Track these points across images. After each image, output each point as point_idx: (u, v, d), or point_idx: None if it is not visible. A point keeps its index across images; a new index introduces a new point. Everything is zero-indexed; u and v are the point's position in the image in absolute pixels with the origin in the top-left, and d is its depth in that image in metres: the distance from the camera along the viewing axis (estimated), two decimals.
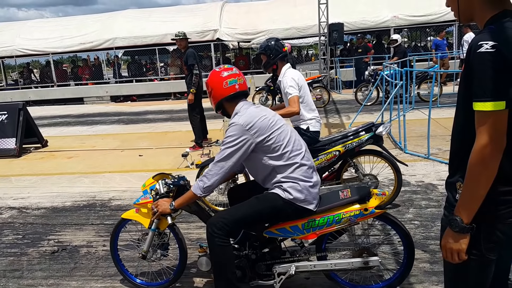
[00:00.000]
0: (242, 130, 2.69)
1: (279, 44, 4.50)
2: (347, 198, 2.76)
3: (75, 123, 13.21)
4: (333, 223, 2.73)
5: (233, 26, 18.70)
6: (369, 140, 4.44)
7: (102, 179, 6.59)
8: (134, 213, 3.25)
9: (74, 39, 19.48)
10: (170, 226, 3.14)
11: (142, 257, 3.18)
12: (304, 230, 2.77)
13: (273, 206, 2.74)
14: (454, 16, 1.79)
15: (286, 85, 4.33)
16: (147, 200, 3.10)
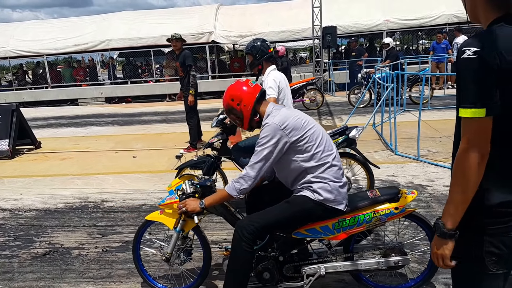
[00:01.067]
0: (277, 130, 2.67)
1: (265, 45, 4.56)
2: (376, 197, 2.76)
3: (69, 124, 13.19)
4: (364, 223, 2.72)
5: (228, 28, 18.74)
6: (343, 143, 4.54)
7: (95, 180, 6.60)
8: (159, 214, 3.18)
9: (69, 41, 19.43)
10: (195, 228, 3.10)
11: (165, 260, 3.10)
12: (335, 230, 2.75)
13: (304, 209, 2.71)
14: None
15: (266, 86, 4.40)
16: (173, 200, 3.04)
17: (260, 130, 2.78)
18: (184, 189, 2.99)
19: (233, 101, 2.87)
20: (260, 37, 4.88)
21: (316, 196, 2.70)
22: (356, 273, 2.99)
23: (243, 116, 2.88)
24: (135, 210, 5.18)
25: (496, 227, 1.59)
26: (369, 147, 7.22)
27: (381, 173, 5.79)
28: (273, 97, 4.32)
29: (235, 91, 2.88)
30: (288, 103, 4.55)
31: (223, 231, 4.41)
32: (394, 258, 2.84)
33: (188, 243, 3.21)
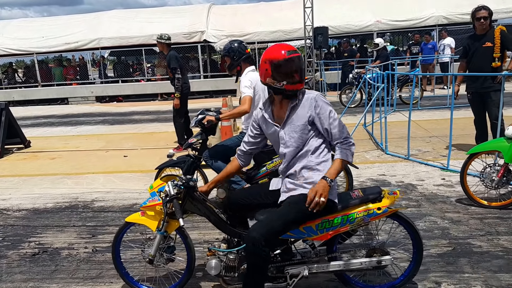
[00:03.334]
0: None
1: (242, 46, 4.59)
2: (359, 198, 2.77)
3: (59, 123, 13.09)
4: (347, 223, 2.72)
5: (220, 28, 18.72)
6: None
7: (85, 180, 6.55)
8: (140, 216, 3.12)
9: (59, 39, 19.30)
10: (178, 228, 3.05)
11: (148, 261, 3.08)
12: (318, 231, 2.74)
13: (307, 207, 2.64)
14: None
15: (242, 85, 4.43)
16: (155, 203, 3.00)
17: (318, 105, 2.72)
18: (167, 190, 2.94)
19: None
20: (237, 39, 4.91)
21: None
22: (341, 274, 3.00)
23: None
24: (125, 210, 5.14)
25: None
26: (360, 147, 7.25)
27: (372, 173, 5.83)
28: (248, 95, 4.35)
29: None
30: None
31: (215, 230, 4.37)
32: (377, 258, 2.85)
33: (170, 242, 3.19)
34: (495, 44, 5.66)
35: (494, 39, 5.66)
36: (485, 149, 4.54)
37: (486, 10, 5.72)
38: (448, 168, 5.65)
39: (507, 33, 5.66)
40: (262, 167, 4.64)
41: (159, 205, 2.98)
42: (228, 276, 2.94)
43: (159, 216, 3.02)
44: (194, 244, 4.05)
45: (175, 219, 2.94)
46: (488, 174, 4.45)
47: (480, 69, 5.84)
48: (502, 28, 5.65)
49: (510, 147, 4.18)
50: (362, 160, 6.52)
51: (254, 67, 4.71)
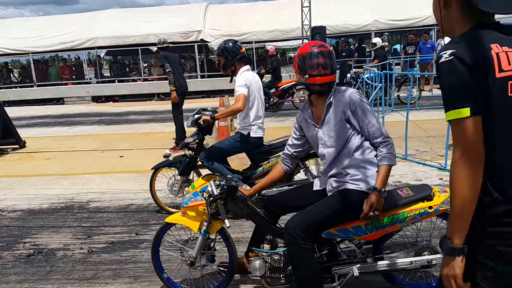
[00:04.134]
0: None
1: (237, 46, 4.58)
2: (410, 197, 2.71)
3: (54, 123, 13.02)
4: (397, 222, 2.67)
5: (217, 27, 18.68)
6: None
7: (81, 180, 6.51)
8: (180, 216, 3.05)
9: (55, 39, 19.22)
10: (220, 229, 2.99)
11: (190, 263, 3.01)
12: (367, 230, 2.67)
13: (353, 202, 2.59)
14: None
15: (236, 84, 4.42)
16: (198, 203, 2.92)
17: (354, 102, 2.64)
18: (211, 191, 2.86)
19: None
20: (232, 38, 4.90)
21: (364, 186, 2.62)
22: (388, 273, 2.93)
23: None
24: (121, 211, 5.11)
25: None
26: None
27: None
28: (242, 94, 4.34)
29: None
30: (256, 105, 4.56)
31: None
32: (427, 256, 2.78)
33: (211, 243, 3.12)
34: None
35: None
36: None
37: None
38: (445, 168, 5.64)
39: None
40: (259, 167, 4.62)
41: (202, 205, 2.90)
42: (273, 277, 2.89)
43: (201, 216, 2.95)
44: None
45: (217, 220, 2.89)
46: None
47: None
48: None
49: None
50: None
51: (249, 67, 4.69)
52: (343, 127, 2.66)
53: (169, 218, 3.12)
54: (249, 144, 4.57)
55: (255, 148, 4.62)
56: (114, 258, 3.93)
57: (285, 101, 12.60)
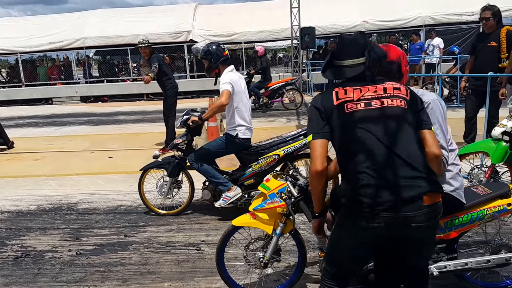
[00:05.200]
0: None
1: (220, 49, 4.62)
2: (487, 194, 2.71)
3: (43, 124, 12.88)
4: (476, 220, 2.66)
5: (207, 27, 18.64)
6: (307, 144, 4.52)
7: (69, 181, 6.45)
8: (250, 219, 2.98)
9: (44, 38, 19.04)
10: (292, 230, 2.95)
11: (264, 265, 2.96)
12: (446, 229, 2.66)
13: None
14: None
15: (221, 82, 4.47)
16: (276, 204, 2.85)
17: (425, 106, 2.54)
18: (290, 191, 2.81)
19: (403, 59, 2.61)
20: (215, 41, 4.95)
21: (447, 187, 2.57)
22: (460, 273, 2.90)
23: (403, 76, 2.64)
24: (110, 212, 5.08)
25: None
26: None
27: None
28: (227, 90, 4.38)
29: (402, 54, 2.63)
30: (242, 106, 4.59)
31: (200, 232, 4.37)
32: (505, 254, 2.77)
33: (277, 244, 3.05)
34: (501, 44, 5.62)
35: (500, 39, 5.63)
36: (473, 150, 4.57)
37: (490, 10, 5.70)
38: None
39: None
40: (248, 168, 4.64)
41: (280, 207, 2.84)
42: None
43: (273, 218, 2.91)
44: (180, 246, 4.06)
45: (290, 220, 2.87)
46: (476, 175, 4.48)
47: (483, 68, 5.78)
48: (509, 28, 5.58)
49: (496, 148, 4.20)
50: None
51: (233, 67, 4.72)
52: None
53: (237, 220, 3.04)
54: (237, 145, 4.59)
55: (244, 149, 4.63)
56: (102, 260, 3.91)
57: (274, 102, 12.61)
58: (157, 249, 4.07)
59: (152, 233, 4.44)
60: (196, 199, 5.04)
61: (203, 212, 4.88)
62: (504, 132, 4.15)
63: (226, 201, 4.51)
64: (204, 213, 4.85)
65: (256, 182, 4.65)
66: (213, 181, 4.55)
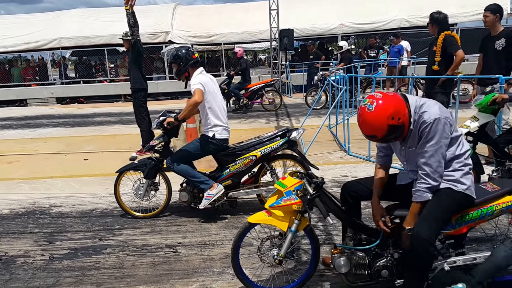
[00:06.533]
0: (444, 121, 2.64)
1: (190, 52, 4.64)
2: (497, 191, 2.76)
3: (17, 126, 12.61)
4: (486, 216, 2.71)
5: (186, 28, 18.57)
6: (284, 145, 4.59)
7: (43, 185, 6.32)
8: (266, 216, 2.98)
9: (18, 38, 18.66)
10: (306, 227, 2.98)
11: (278, 262, 2.97)
12: (457, 225, 2.70)
13: (454, 203, 2.65)
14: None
15: (191, 83, 4.49)
16: (292, 202, 2.86)
17: (423, 127, 2.60)
18: (306, 189, 2.84)
19: (393, 119, 2.55)
20: (185, 45, 5.01)
21: (460, 186, 2.65)
22: (467, 268, 2.90)
23: (405, 126, 2.62)
24: (85, 215, 4.99)
25: None
26: (324, 148, 7.33)
27: (334, 174, 5.89)
28: (198, 88, 4.40)
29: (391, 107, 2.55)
30: (216, 106, 4.59)
31: (177, 234, 4.34)
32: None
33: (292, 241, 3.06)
34: (437, 48, 5.81)
35: (437, 44, 5.82)
36: None
37: (430, 16, 5.89)
38: None
39: (450, 37, 5.72)
40: (226, 169, 4.63)
41: (296, 204, 2.85)
42: (359, 273, 2.89)
43: (289, 215, 2.91)
44: (156, 249, 4.02)
45: (305, 217, 2.89)
46: None
47: (427, 71, 6.15)
48: (447, 34, 5.75)
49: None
50: (326, 161, 6.59)
51: (202, 69, 4.73)
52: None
53: (252, 218, 3.04)
54: (215, 146, 4.58)
55: (221, 150, 4.62)
56: (76, 265, 3.84)
57: (254, 103, 12.65)
58: (133, 252, 4.02)
59: (127, 236, 4.38)
60: (174, 201, 5.01)
61: (180, 214, 4.84)
62: (468, 133, 4.26)
63: (209, 199, 4.49)
64: (182, 215, 4.82)
65: (233, 183, 4.66)
66: (194, 181, 4.53)
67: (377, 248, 2.87)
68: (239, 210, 4.84)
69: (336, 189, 5.15)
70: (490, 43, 5.53)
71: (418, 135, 2.64)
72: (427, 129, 2.57)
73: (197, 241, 4.15)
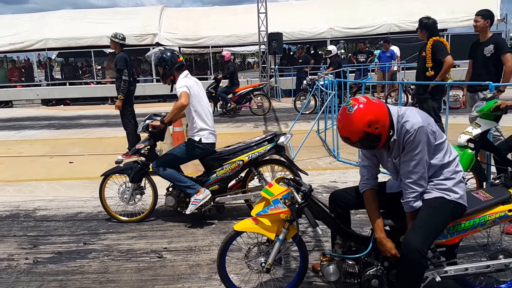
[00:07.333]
0: (425, 131, 2.59)
1: (175, 55, 4.63)
2: (489, 200, 2.71)
3: (1, 127, 12.44)
4: (478, 226, 2.66)
5: (174, 31, 18.51)
6: (271, 150, 4.58)
7: (27, 187, 6.23)
8: (253, 224, 2.91)
9: (3, 39, 18.49)
10: (295, 235, 2.92)
11: (266, 270, 2.92)
12: (448, 235, 2.66)
13: (448, 212, 2.59)
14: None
15: (177, 87, 4.47)
16: (280, 210, 2.79)
17: (407, 136, 2.56)
18: (294, 197, 2.77)
19: (370, 127, 2.50)
20: (170, 48, 4.98)
21: (453, 195, 2.61)
22: (461, 277, 2.89)
23: (381, 137, 2.56)
24: (69, 219, 4.92)
25: None
26: (313, 153, 7.33)
27: (323, 179, 5.89)
28: (184, 91, 4.37)
29: (371, 114, 2.50)
30: (202, 110, 4.58)
31: (163, 239, 4.30)
32: (504, 260, 2.78)
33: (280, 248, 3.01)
34: (427, 54, 5.87)
35: (426, 50, 5.88)
36: None
37: (420, 22, 5.98)
38: None
39: (438, 43, 5.80)
40: (213, 173, 4.60)
41: (284, 213, 2.79)
42: (348, 282, 2.83)
43: (276, 223, 2.85)
44: (142, 254, 3.97)
45: (293, 226, 2.84)
46: None
47: (417, 77, 6.22)
48: (435, 39, 5.81)
49: (462, 155, 4.19)
50: (315, 167, 6.59)
51: (188, 72, 4.71)
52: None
53: (239, 225, 2.98)
54: (201, 151, 4.56)
55: (208, 154, 4.60)
56: (60, 269, 3.78)
57: (242, 107, 12.61)
58: (118, 257, 3.97)
59: (112, 241, 4.32)
60: (160, 205, 4.96)
61: (166, 219, 4.80)
62: (469, 140, 4.22)
63: (196, 204, 4.44)
64: (167, 220, 4.77)
65: (220, 188, 4.62)
66: (180, 185, 4.49)
67: (367, 257, 2.82)
68: (227, 215, 4.81)
69: (326, 195, 5.14)
70: (479, 49, 5.57)
71: (402, 144, 2.61)
72: (411, 138, 2.55)
73: (183, 247, 4.11)
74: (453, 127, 4.62)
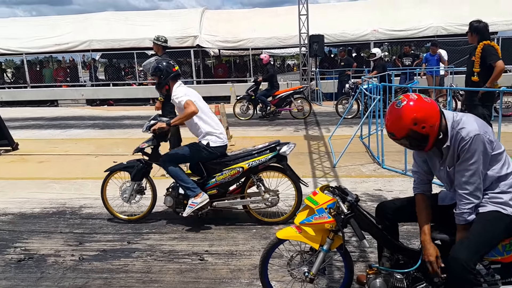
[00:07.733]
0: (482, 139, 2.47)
1: (170, 65, 4.70)
2: None
3: (48, 126, 12.87)
4: None
5: (214, 33, 18.62)
6: (273, 159, 4.51)
7: (73, 185, 6.39)
8: (296, 233, 2.85)
9: (49, 40, 19.07)
10: (340, 246, 2.84)
11: (309, 280, 2.86)
12: (504, 252, 2.50)
13: (504, 227, 2.44)
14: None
15: (176, 96, 4.53)
16: (325, 220, 2.72)
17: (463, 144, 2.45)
18: (340, 207, 2.71)
19: (416, 125, 2.42)
20: (165, 58, 5.10)
21: (510, 210, 2.46)
22: None
23: (429, 138, 2.47)
24: (114, 218, 5.00)
25: None
26: (356, 160, 7.15)
27: (367, 187, 5.73)
28: (188, 99, 4.43)
29: (419, 112, 2.42)
30: (207, 115, 4.64)
31: (204, 242, 4.30)
32: None
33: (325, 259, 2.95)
34: (476, 58, 5.63)
35: (475, 54, 5.64)
36: None
37: (470, 25, 5.76)
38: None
39: (489, 47, 5.56)
40: (212, 178, 4.58)
41: (329, 223, 2.71)
42: None
43: (320, 233, 2.79)
44: (183, 255, 3.98)
45: (338, 236, 2.78)
46: None
47: (466, 82, 5.97)
48: (485, 43, 5.58)
49: None
50: (358, 174, 6.43)
51: (181, 82, 4.80)
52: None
53: (282, 233, 2.95)
54: (208, 153, 4.57)
55: (216, 157, 4.62)
56: (105, 267, 3.84)
57: (282, 110, 12.48)
58: (160, 258, 4.00)
59: (155, 241, 4.36)
60: None
61: (207, 221, 4.79)
62: None
63: (193, 207, 4.47)
64: (209, 222, 4.77)
65: (219, 192, 4.61)
66: (182, 185, 4.53)
67: (417, 272, 2.68)
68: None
69: (370, 203, 5.01)
70: None
71: (457, 152, 2.48)
72: (466, 146, 2.42)
73: (224, 250, 4.10)
74: (506, 135, 4.36)
